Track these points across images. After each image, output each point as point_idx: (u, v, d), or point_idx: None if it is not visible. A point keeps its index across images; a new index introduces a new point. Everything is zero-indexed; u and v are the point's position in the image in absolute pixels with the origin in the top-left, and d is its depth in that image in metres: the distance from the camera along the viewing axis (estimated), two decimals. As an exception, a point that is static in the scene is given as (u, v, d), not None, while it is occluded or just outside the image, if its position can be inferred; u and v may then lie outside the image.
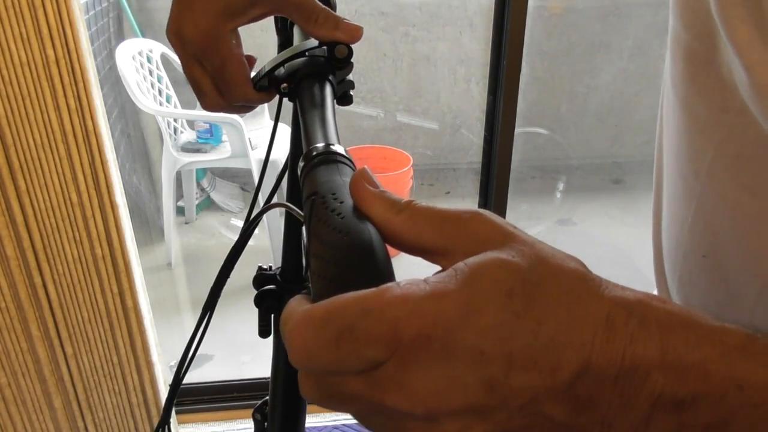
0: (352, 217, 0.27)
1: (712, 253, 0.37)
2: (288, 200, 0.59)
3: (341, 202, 0.28)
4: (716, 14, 0.30)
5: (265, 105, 2.64)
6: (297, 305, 0.25)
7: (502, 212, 1.70)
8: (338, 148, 0.33)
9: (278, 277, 0.63)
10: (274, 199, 0.59)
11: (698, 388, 0.22)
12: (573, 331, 0.22)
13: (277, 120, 0.55)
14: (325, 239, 0.26)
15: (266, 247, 2.36)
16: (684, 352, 0.23)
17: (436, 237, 0.26)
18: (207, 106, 0.49)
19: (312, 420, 1.64)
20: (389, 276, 0.25)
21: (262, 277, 0.63)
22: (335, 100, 0.43)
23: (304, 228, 0.29)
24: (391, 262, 0.26)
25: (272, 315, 0.63)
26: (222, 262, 0.56)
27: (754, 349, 0.23)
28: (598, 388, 0.23)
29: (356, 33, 0.45)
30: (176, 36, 0.45)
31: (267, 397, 0.70)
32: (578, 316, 0.23)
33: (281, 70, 0.44)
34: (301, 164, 0.32)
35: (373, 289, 0.23)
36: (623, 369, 0.22)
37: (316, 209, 0.28)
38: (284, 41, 0.52)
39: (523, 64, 1.51)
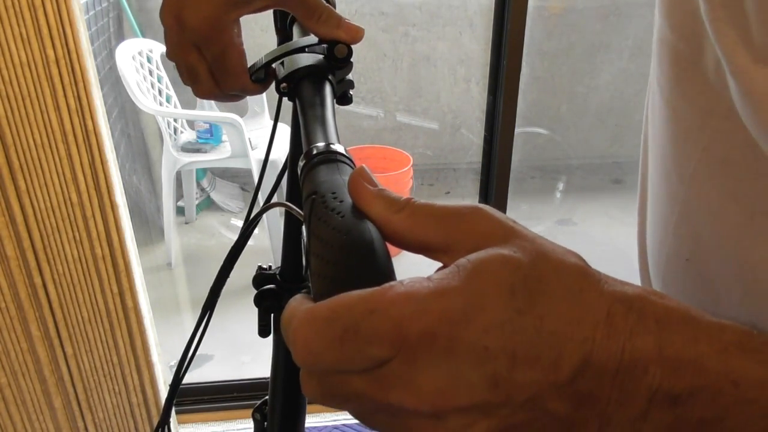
0: (352, 216, 0.27)
1: (695, 258, 0.37)
2: (288, 200, 0.59)
3: (341, 201, 0.28)
4: (704, 15, 0.30)
5: (265, 105, 2.62)
6: (298, 305, 0.25)
7: (501, 212, 1.69)
8: (338, 148, 0.33)
9: (278, 276, 0.63)
10: (274, 199, 0.58)
11: (694, 383, 0.23)
12: (575, 327, 0.23)
13: (276, 120, 0.55)
14: (325, 239, 0.26)
15: (266, 247, 2.36)
16: (681, 347, 0.23)
17: (437, 234, 0.26)
18: (200, 93, 0.48)
19: (312, 420, 1.64)
20: (390, 275, 0.25)
21: (261, 277, 0.63)
22: (335, 100, 0.43)
23: (304, 227, 0.29)
24: (391, 260, 0.26)
25: (272, 314, 0.63)
26: (222, 262, 0.56)
27: (751, 346, 0.23)
28: (598, 383, 0.23)
29: (357, 34, 0.45)
30: (176, 20, 0.45)
31: (266, 397, 0.70)
32: (580, 311, 0.23)
33: (281, 69, 0.44)
34: (301, 163, 0.32)
35: (377, 288, 0.23)
36: (623, 363, 0.23)
37: (316, 208, 0.28)
38: (283, 40, 0.52)
39: (523, 64, 1.51)
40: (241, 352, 1.94)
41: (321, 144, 0.33)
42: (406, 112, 3.08)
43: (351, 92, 0.48)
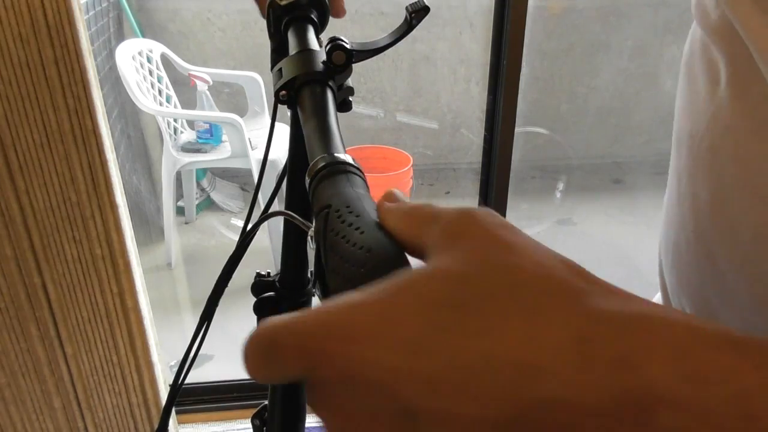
0: (372, 231, 0.26)
1: (698, 230, 0.37)
2: (287, 207, 0.58)
3: (357, 216, 0.27)
4: None
5: (265, 105, 2.60)
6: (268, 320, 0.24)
7: (502, 212, 1.70)
8: (346, 158, 0.32)
9: (277, 283, 0.62)
10: (274, 203, 0.58)
11: (706, 422, 0.18)
12: (525, 352, 0.18)
13: (273, 121, 0.54)
14: (346, 255, 0.25)
15: (266, 248, 2.36)
16: (690, 380, 0.18)
17: (410, 233, 0.25)
18: None
19: (312, 419, 1.64)
20: None
21: (261, 284, 0.62)
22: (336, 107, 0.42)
23: (310, 239, 0.29)
24: None
25: None
26: (222, 263, 0.56)
27: (756, 360, 0.18)
28: (575, 428, 0.18)
29: None
30: None
31: (266, 402, 0.69)
32: (535, 334, 0.18)
33: (278, 76, 0.43)
34: (308, 177, 0.32)
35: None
36: (614, 404, 0.17)
37: (331, 223, 0.27)
38: (278, 46, 0.51)
39: (523, 64, 1.51)
40: (241, 352, 1.94)
41: (328, 155, 0.32)
42: (406, 112, 3.08)
43: (351, 98, 0.47)
